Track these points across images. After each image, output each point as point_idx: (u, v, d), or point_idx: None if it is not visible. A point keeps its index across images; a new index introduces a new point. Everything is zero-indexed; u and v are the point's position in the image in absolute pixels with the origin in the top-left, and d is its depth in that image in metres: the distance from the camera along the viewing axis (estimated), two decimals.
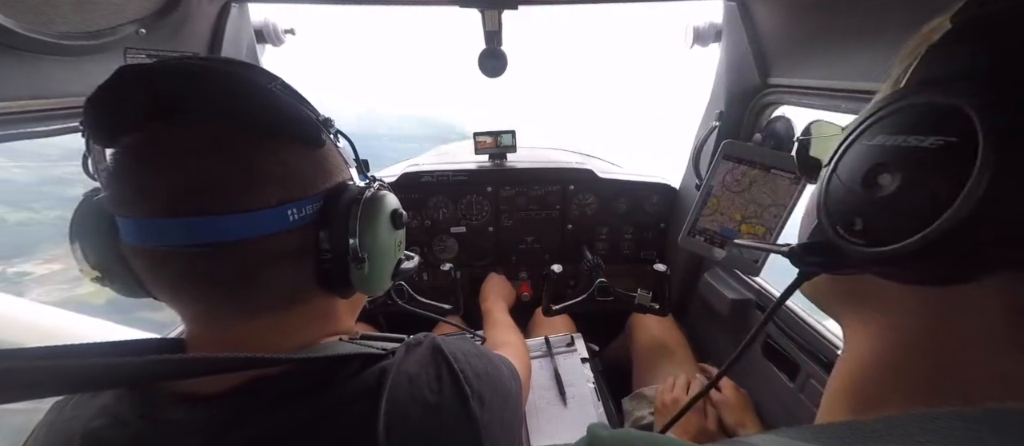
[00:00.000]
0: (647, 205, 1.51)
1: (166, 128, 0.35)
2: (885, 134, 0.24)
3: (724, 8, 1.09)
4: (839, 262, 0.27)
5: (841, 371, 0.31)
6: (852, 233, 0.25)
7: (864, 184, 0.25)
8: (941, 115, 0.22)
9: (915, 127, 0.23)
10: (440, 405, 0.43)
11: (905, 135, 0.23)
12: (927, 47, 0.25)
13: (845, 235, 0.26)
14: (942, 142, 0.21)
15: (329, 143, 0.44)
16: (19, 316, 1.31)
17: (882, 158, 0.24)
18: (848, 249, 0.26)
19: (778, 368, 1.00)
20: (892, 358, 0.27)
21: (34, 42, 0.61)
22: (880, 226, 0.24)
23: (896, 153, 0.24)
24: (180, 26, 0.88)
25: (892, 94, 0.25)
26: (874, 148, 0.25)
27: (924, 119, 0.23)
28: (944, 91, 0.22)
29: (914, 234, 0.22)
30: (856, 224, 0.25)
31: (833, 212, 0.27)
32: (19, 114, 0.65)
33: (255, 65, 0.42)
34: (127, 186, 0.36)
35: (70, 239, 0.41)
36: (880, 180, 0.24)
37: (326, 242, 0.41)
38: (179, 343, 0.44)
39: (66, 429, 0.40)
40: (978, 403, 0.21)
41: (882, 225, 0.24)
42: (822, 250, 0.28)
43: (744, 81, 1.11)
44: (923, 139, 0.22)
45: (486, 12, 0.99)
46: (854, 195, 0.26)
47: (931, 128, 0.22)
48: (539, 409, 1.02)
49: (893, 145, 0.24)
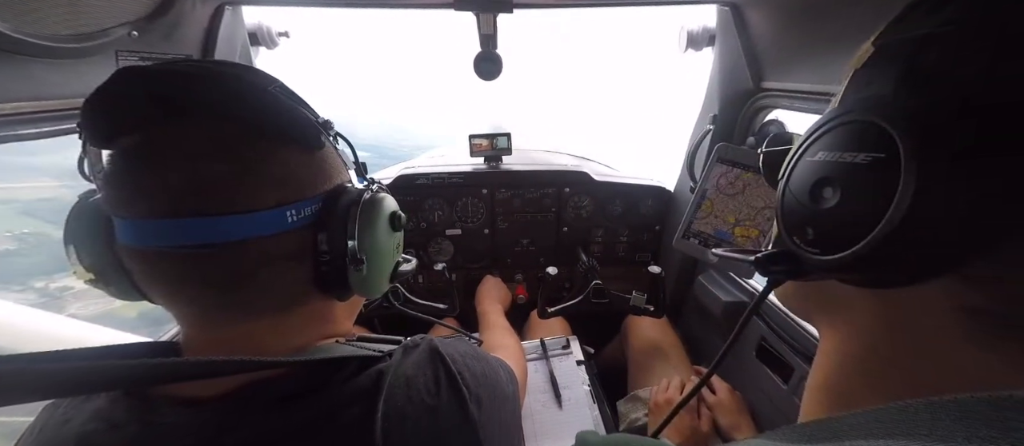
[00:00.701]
0: (642, 207, 1.51)
1: (164, 130, 0.35)
2: (825, 150, 0.27)
3: (718, 13, 1.10)
4: (799, 270, 0.29)
5: (817, 371, 0.32)
6: (806, 242, 0.28)
7: (811, 196, 0.27)
8: (868, 133, 0.24)
9: (848, 144, 0.25)
10: (437, 407, 0.43)
11: (841, 151, 0.25)
12: (853, 70, 0.28)
13: (800, 244, 0.28)
14: (871, 158, 0.23)
15: (328, 145, 0.44)
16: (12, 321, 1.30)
17: (824, 172, 0.26)
18: (804, 257, 0.28)
19: (772, 370, 1.01)
20: (861, 357, 0.28)
21: (24, 44, 0.60)
22: (828, 235, 0.26)
23: (835, 168, 0.26)
24: (173, 29, 0.87)
25: (830, 113, 0.27)
26: (817, 163, 0.27)
27: (855, 137, 0.25)
28: (869, 110, 0.24)
29: (857, 243, 0.23)
30: (808, 233, 0.27)
31: (789, 223, 0.29)
32: (10, 116, 0.65)
33: (253, 67, 0.42)
34: (125, 187, 0.36)
35: (64, 242, 0.40)
36: (824, 193, 0.26)
37: (325, 244, 0.41)
38: (173, 346, 0.44)
39: (59, 433, 0.39)
40: (943, 395, 0.22)
41: (829, 234, 0.26)
42: (783, 259, 0.30)
43: (737, 85, 1.11)
44: (856, 155, 0.24)
45: (481, 15, 0.99)
46: (804, 207, 0.28)
47: (861, 145, 0.24)
48: (535, 412, 1.02)
49: (832, 161, 0.26)
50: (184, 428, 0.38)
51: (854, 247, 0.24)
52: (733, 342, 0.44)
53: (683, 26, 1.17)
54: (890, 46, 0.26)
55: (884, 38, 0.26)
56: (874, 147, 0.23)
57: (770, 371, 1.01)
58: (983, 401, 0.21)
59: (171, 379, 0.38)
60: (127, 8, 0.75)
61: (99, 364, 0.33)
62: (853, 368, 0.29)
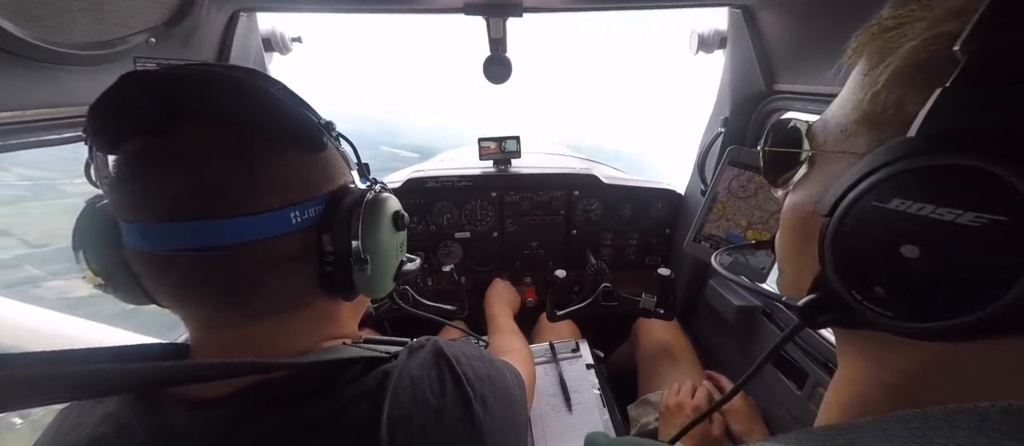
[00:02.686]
0: (652, 210, 1.50)
1: (170, 134, 0.36)
2: (903, 198, 0.21)
3: (729, 15, 1.09)
4: (854, 323, 0.26)
5: (839, 388, 0.31)
6: (871, 299, 0.23)
7: (883, 251, 0.22)
8: (979, 186, 0.19)
9: (945, 198, 0.20)
10: (443, 407, 0.43)
11: (933, 205, 0.20)
12: (940, 90, 0.21)
13: (864, 301, 0.24)
14: (987, 220, 0.19)
15: (331, 146, 0.45)
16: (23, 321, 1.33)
17: (903, 226, 0.21)
18: (871, 317, 0.24)
19: (786, 376, 0.99)
20: (896, 386, 0.26)
21: (47, 52, 0.62)
22: (910, 300, 0.22)
23: (922, 224, 0.21)
24: (189, 35, 0.89)
25: (903, 145, 0.22)
26: (892, 213, 0.22)
27: (956, 189, 0.20)
28: (981, 155, 0.19)
29: (958, 315, 0.20)
30: (876, 291, 0.23)
31: (845, 273, 0.25)
32: (33, 123, 0.67)
33: (256, 70, 0.42)
34: (131, 191, 0.36)
35: (73, 246, 0.41)
36: (903, 251, 0.21)
37: (329, 244, 0.42)
38: (185, 348, 0.44)
39: (71, 436, 0.40)
40: (962, 403, 0.21)
41: (913, 299, 0.22)
42: (834, 308, 0.26)
43: (749, 87, 1.10)
44: (959, 214, 0.19)
45: (491, 19, 1.00)
46: (870, 260, 0.23)
47: (968, 202, 0.19)
48: (544, 415, 1.02)
49: (917, 214, 0.21)
50: (193, 430, 0.38)
51: (956, 319, 0.20)
52: (756, 371, 0.42)
53: (694, 29, 1.16)
54: (998, 59, 0.19)
55: (980, 40, 0.20)
56: (991, 206, 0.19)
57: (784, 377, 1.00)
58: (1003, 411, 0.20)
59: (179, 382, 0.38)
60: (146, 16, 0.77)
61: (109, 368, 0.34)
62: (883, 390, 0.27)
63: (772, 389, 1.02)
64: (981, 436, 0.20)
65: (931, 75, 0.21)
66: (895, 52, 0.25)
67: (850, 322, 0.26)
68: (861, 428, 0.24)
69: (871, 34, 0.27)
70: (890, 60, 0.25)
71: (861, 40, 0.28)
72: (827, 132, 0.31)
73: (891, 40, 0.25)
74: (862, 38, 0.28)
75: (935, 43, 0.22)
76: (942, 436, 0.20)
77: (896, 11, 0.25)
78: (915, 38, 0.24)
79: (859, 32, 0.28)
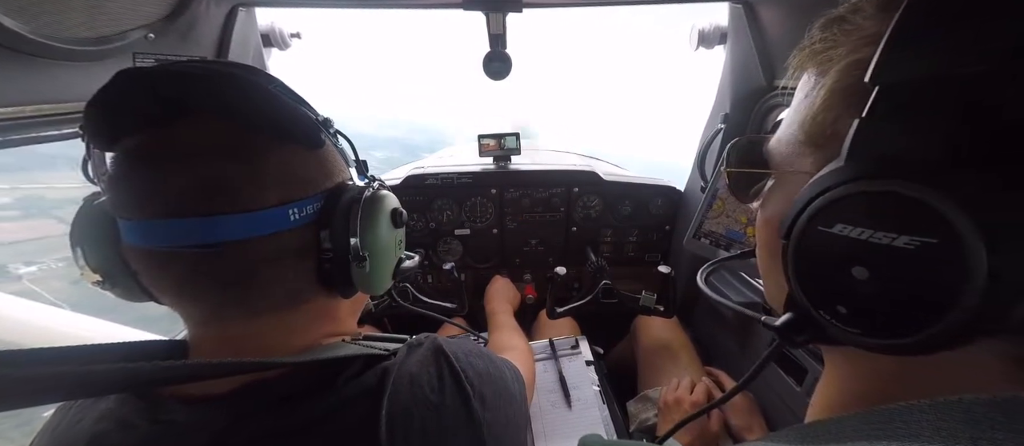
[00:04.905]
0: (652, 207, 1.50)
1: (167, 130, 0.36)
2: (844, 223, 0.22)
3: (729, 11, 1.08)
4: (829, 339, 0.27)
5: (822, 391, 0.31)
6: (837, 317, 0.24)
7: (837, 272, 0.23)
8: (906, 210, 0.20)
9: (880, 222, 0.21)
10: (441, 404, 0.43)
11: (871, 230, 0.21)
12: (858, 120, 0.22)
13: (831, 319, 0.25)
14: (920, 243, 0.20)
15: (328, 143, 0.45)
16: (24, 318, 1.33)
17: (849, 250, 0.22)
18: (840, 334, 0.25)
19: (785, 372, 0.99)
20: (882, 393, 0.27)
21: (46, 47, 0.62)
22: (868, 318, 0.23)
23: (866, 248, 0.22)
24: (188, 31, 0.89)
25: (840, 172, 0.23)
26: (837, 238, 0.23)
27: (888, 214, 0.21)
28: (902, 181, 0.20)
29: (910, 332, 0.21)
30: (840, 309, 0.24)
31: (811, 293, 0.26)
32: (32, 118, 0.67)
33: (254, 67, 0.42)
34: (129, 188, 0.36)
35: (71, 244, 0.41)
36: (853, 271, 0.22)
37: (327, 241, 0.42)
38: (184, 344, 0.44)
39: (71, 433, 0.40)
40: (947, 396, 0.21)
41: (871, 317, 0.23)
42: (808, 327, 0.27)
43: (750, 83, 1.10)
44: (895, 237, 0.21)
45: (491, 15, 0.99)
46: (828, 280, 0.24)
47: (900, 226, 0.20)
48: (544, 412, 1.02)
49: (859, 239, 0.22)
50: (193, 426, 0.38)
51: (908, 337, 0.21)
52: (745, 385, 0.43)
53: (694, 24, 1.16)
54: (904, 90, 0.21)
55: (889, 74, 0.21)
56: (920, 229, 0.20)
57: (783, 373, 1.00)
58: (988, 402, 0.20)
59: (178, 380, 0.38)
60: (144, 11, 0.77)
61: (107, 367, 0.34)
62: (862, 401, 0.28)
63: (772, 385, 1.03)
64: (965, 426, 0.20)
65: (856, 98, 0.23)
66: (827, 73, 0.26)
67: (826, 339, 0.27)
68: (843, 421, 0.25)
69: (806, 54, 0.28)
70: (823, 81, 0.26)
71: (799, 59, 0.29)
72: (781, 150, 0.32)
73: (822, 61, 0.27)
74: (800, 57, 0.29)
75: (855, 69, 0.23)
76: (927, 428, 0.21)
77: (823, 33, 0.27)
78: (839, 61, 0.25)
79: (795, 51, 0.29)
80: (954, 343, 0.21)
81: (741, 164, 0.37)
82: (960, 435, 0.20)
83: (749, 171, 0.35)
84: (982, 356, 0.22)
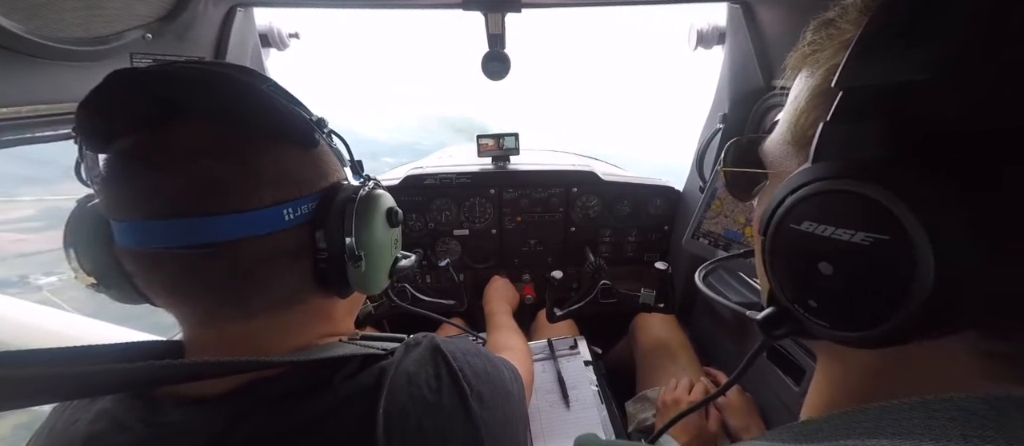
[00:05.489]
0: (650, 207, 1.50)
1: (161, 131, 0.36)
2: (811, 221, 0.24)
3: (728, 11, 1.09)
4: (806, 334, 0.28)
5: (818, 390, 0.32)
6: (809, 311, 0.25)
7: (806, 267, 0.24)
8: (862, 209, 0.21)
9: (840, 220, 0.22)
10: (439, 403, 0.43)
11: (832, 226, 0.23)
12: (823, 124, 0.24)
13: (804, 313, 0.26)
14: (874, 239, 0.21)
15: (323, 143, 0.44)
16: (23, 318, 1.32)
17: (815, 246, 0.24)
18: (814, 328, 0.26)
19: (783, 372, 1.00)
20: (867, 391, 0.27)
21: (42, 47, 0.62)
22: (835, 310, 0.24)
23: (829, 244, 0.23)
24: (185, 31, 0.89)
25: (807, 172, 0.24)
26: (805, 234, 0.24)
27: (846, 212, 0.22)
28: (857, 181, 0.22)
29: (874, 323, 0.22)
30: (811, 303, 0.25)
31: (785, 288, 0.27)
32: (28, 119, 0.66)
33: (247, 68, 0.42)
34: (122, 190, 0.36)
35: (64, 246, 0.41)
36: (820, 267, 0.24)
37: (322, 241, 0.41)
38: (180, 345, 0.44)
39: (67, 433, 0.40)
40: (938, 394, 0.22)
41: (836, 310, 0.24)
42: (786, 321, 0.28)
43: (748, 84, 1.10)
44: (853, 234, 0.22)
45: (489, 15, 0.99)
46: (799, 275, 0.25)
47: (857, 223, 0.22)
48: (542, 412, 1.02)
49: (821, 235, 0.23)
50: (189, 427, 0.38)
51: (870, 329, 0.22)
52: (735, 380, 0.45)
53: (693, 24, 1.16)
54: (864, 95, 0.22)
55: (851, 78, 0.22)
56: (874, 226, 0.21)
57: (781, 372, 1.00)
58: (978, 400, 0.20)
59: (176, 380, 0.38)
60: (141, 11, 0.77)
61: (103, 368, 0.34)
62: (849, 397, 0.28)
63: (769, 385, 1.03)
64: (955, 424, 0.20)
65: (830, 101, 0.24)
66: (812, 75, 0.27)
67: (803, 333, 0.28)
68: (835, 419, 0.25)
69: (799, 56, 0.29)
70: (807, 84, 0.27)
71: (794, 60, 0.30)
72: (774, 151, 0.33)
73: (811, 64, 0.28)
74: (794, 58, 0.30)
75: (833, 72, 0.24)
76: (917, 426, 0.21)
77: (813, 36, 0.28)
78: (823, 65, 0.26)
79: (791, 53, 0.30)
80: (914, 335, 0.22)
81: (738, 164, 0.38)
82: (950, 433, 0.20)
83: (744, 171, 0.36)
84: (957, 352, 0.23)
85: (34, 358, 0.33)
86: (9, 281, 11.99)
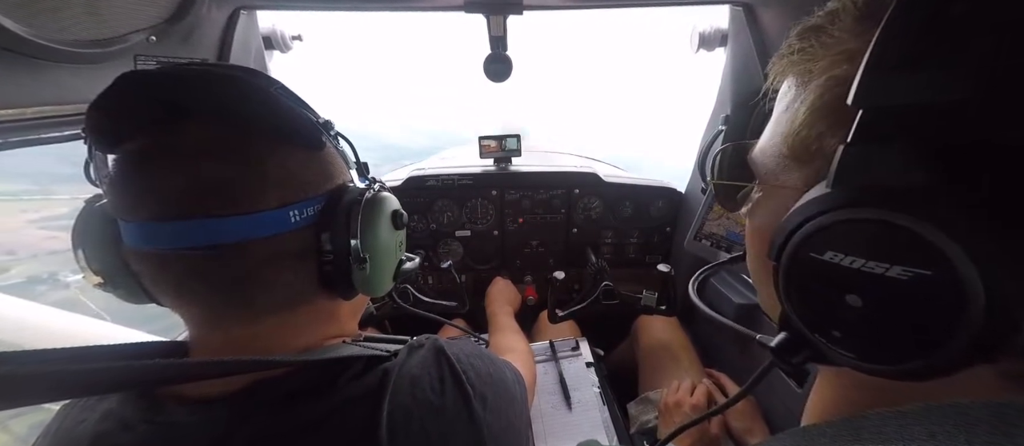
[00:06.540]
0: (652, 209, 1.50)
1: (168, 133, 0.36)
2: (835, 251, 0.22)
3: (730, 13, 1.09)
4: (825, 360, 0.26)
5: (820, 395, 0.31)
6: (832, 340, 0.24)
7: (831, 299, 0.23)
8: (899, 240, 0.19)
9: (872, 252, 0.20)
10: (442, 406, 0.43)
11: (862, 258, 0.21)
12: (843, 146, 0.21)
13: (826, 343, 0.24)
14: (913, 274, 0.19)
15: (329, 145, 0.45)
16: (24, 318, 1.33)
17: (842, 278, 0.22)
18: (834, 357, 0.24)
19: (787, 374, 0.99)
20: (872, 394, 0.27)
21: (46, 50, 0.62)
22: (863, 344, 0.23)
23: (859, 276, 0.21)
24: (189, 33, 0.89)
25: (826, 199, 0.22)
26: (829, 265, 0.22)
27: (880, 243, 0.20)
28: (890, 211, 0.19)
29: (908, 359, 0.21)
30: (835, 334, 0.23)
31: (804, 316, 0.25)
32: (32, 120, 0.67)
33: (254, 69, 0.43)
34: (130, 190, 0.36)
35: (73, 246, 0.41)
36: (848, 300, 0.22)
37: (328, 243, 0.42)
38: (185, 346, 0.44)
39: (73, 433, 0.40)
40: (941, 400, 0.21)
41: (866, 344, 0.22)
42: (804, 348, 0.27)
43: (750, 85, 1.10)
44: (888, 267, 0.20)
45: (491, 17, 0.99)
46: (822, 305, 0.24)
47: (893, 256, 0.20)
48: (544, 414, 1.02)
49: (850, 267, 0.21)
50: (194, 427, 0.38)
51: (905, 364, 0.21)
52: (740, 398, 0.43)
53: (695, 26, 1.16)
54: (889, 115, 0.20)
55: (872, 97, 0.20)
56: (915, 261, 0.19)
57: (784, 375, 0.99)
58: (983, 406, 0.20)
59: (179, 380, 0.38)
60: (146, 14, 0.77)
61: (109, 366, 0.34)
62: (864, 404, 0.27)
63: (773, 388, 1.02)
64: (960, 430, 0.20)
65: (838, 116, 0.22)
66: (807, 86, 0.25)
67: (821, 360, 0.27)
68: (838, 425, 0.25)
69: (785, 62, 0.28)
70: (804, 95, 0.25)
71: (779, 66, 0.28)
72: (766, 162, 0.31)
73: (802, 72, 0.26)
74: (779, 64, 0.28)
75: (835, 85, 0.23)
76: (921, 432, 0.21)
77: (801, 42, 0.26)
78: (819, 76, 0.24)
79: (774, 58, 0.28)
80: (954, 369, 0.20)
81: (728, 172, 0.36)
82: (955, 438, 0.19)
83: (734, 184, 0.35)
84: (984, 374, 0.22)
85: (39, 357, 0.33)
86: (40, 278, 12.07)
